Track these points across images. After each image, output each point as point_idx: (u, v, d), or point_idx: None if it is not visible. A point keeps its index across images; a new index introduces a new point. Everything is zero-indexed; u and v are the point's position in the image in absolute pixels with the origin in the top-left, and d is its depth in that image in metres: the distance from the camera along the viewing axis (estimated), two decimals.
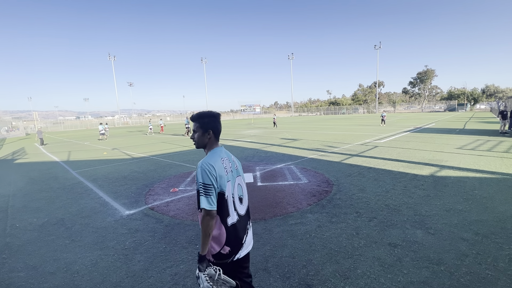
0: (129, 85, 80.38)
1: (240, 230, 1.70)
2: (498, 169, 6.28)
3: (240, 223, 1.71)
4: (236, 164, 1.81)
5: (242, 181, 1.82)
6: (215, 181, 1.56)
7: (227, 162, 1.70)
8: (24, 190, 6.38)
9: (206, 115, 1.72)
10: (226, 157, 1.72)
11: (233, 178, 1.72)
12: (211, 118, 1.72)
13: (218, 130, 1.74)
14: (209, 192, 1.53)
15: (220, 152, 1.70)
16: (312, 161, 8.19)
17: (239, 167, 1.83)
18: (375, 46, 64.74)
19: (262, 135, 17.95)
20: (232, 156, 1.81)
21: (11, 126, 37.44)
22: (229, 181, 1.66)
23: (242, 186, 1.81)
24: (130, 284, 2.62)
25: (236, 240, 1.67)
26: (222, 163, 1.64)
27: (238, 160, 1.87)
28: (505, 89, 70.64)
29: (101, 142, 18.88)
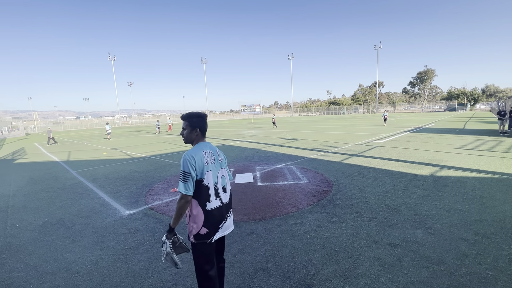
0: (129, 85, 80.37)
1: (218, 215, 1.93)
2: (498, 169, 6.28)
3: (221, 209, 1.95)
4: (221, 157, 2.06)
5: (226, 173, 2.07)
6: (194, 170, 1.81)
7: (209, 155, 1.94)
8: (24, 190, 6.38)
9: (194, 115, 2.00)
10: (209, 150, 1.97)
11: (216, 169, 1.96)
12: (199, 118, 2.00)
13: (204, 128, 2.03)
14: (187, 179, 1.79)
15: (204, 146, 1.97)
16: (312, 161, 8.19)
17: (223, 161, 2.08)
18: (375, 46, 64.76)
19: (262, 135, 17.95)
20: (218, 151, 2.06)
21: (11, 126, 37.46)
22: (209, 171, 1.89)
23: (226, 177, 2.06)
24: (130, 284, 2.62)
25: (213, 223, 1.90)
26: (203, 155, 1.89)
27: (224, 155, 2.14)
28: (505, 89, 70.67)
29: (101, 142, 18.89)
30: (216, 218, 1.92)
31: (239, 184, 5.91)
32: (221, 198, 1.95)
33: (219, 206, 1.93)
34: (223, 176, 2.03)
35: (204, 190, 1.86)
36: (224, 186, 2.01)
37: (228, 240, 3.42)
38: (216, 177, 1.95)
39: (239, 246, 3.26)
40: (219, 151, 2.09)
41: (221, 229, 1.95)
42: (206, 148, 1.96)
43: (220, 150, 2.12)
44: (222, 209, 1.95)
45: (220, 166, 2.02)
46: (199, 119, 1.99)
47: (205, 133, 2.04)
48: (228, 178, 2.09)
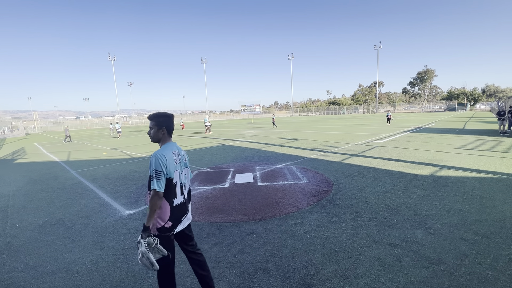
0: (129, 85, 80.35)
1: (181, 210, 2.10)
2: (498, 169, 6.28)
3: (184, 204, 2.13)
4: (185, 157, 2.22)
5: (188, 172, 2.23)
6: (165, 169, 1.92)
7: (177, 155, 2.08)
8: (24, 190, 6.38)
9: (161, 115, 2.10)
10: (176, 150, 2.10)
11: (181, 169, 2.10)
12: (165, 118, 2.10)
13: (171, 128, 2.14)
14: (159, 177, 1.89)
15: (172, 146, 2.09)
16: (312, 161, 8.19)
17: (187, 160, 2.25)
18: (375, 46, 64.72)
19: (262, 135, 17.95)
20: (182, 151, 2.21)
21: (11, 126, 37.51)
22: (177, 170, 2.03)
23: (187, 176, 2.22)
24: (130, 284, 2.62)
25: (177, 217, 2.05)
26: (172, 155, 2.02)
27: (187, 155, 2.30)
28: (505, 89, 70.71)
29: (101, 142, 18.89)
30: (180, 213, 2.08)
31: (239, 184, 5.91)
32: (184, 194, 2.13)
33: (183, 201, 2.11)
34: (185, 175, 2.18)
35: (172, 187, 1.99)
36: (185, 184, 2.18)
37: (228, 240, 3.42)
38: (181, 175, 2.11)
39: (239, 246, 3.26)
40: (184, 151, 2.26)
41: (183, 222, 2.12)
42: (174, 148, 2.09)
43: (184, 151, 2.29)
44: (185, 203, 2.14)
45: (185, 166, 2.18)
46: (166, 119, 2.10)
47: (171, 132, 2.15)
48: (188, 176, 2.26)
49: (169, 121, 2.12)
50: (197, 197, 5.17)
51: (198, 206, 4.68)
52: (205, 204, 4.75)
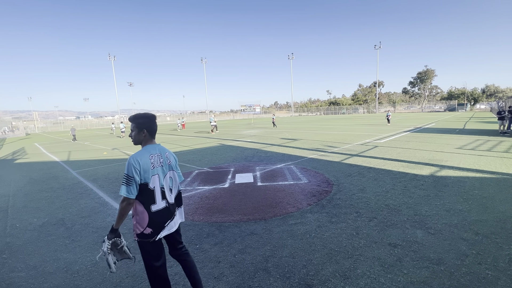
0: (129, 85, 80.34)
1: (164, 215, 2.00)
2: (498, 169, 6.28)
3: (167, 209, 2.02)
4: (170, 160, 2.08)
5: (174, 175, 2.11)
6: (138, 174, 1.85)
7: (157, 158, 1.97)
8: (24, 190, 6.38)
9: (141, 117, 2.00)
10: (157, 153, 2.00)
11: (163, 172, 2.01)
12: (145, 119, 2.00)
13: (152, 129, 2.03)
14: (130, 183, 1.83)
15: (152, 149, 1.99)
16: (312, 161, 8.19)
17: (172, 162, 2.10)
18: (375, 46, 64.67)
19: (262, 135, 17.95)
20: (168, 153, 2.09)
21: (11, 126, 37.57)
22: (155, 174, 1.93)
23: (174, 178, 2.11)
24: (130, 284, 2.63)
25: (158, 223, 1.96)
26: (149, 159, 1.92)
27: (174, 156, 2.18)
28: (505, 89, 70.67)
29: (101, 142, 18.89)
30: (161, 219, 1.98)
31: (239, 184, 5.91)
32: (167, 199, 2.02)
33: (165, 207, 2.00)
34: (171, 178, 2.08)
35: (149, 193, 1.91)
36: (171, 187, 2.08)
37: (228, 240, 3.42)
38: (163, 179, 2.00)
39: (239, 246, 3.26)
40: (170, 153, 2.12)
41: (167, 227, 2.02)
42: (154, 151, 1.98)
43: (171, 152, 2.16)
44: (168, 209, 2.02)
45: (169, 168, 2.06)
46: (146, 120, 2.00)
47: (153, 134, 2.05)
48: (176, 179, 2.14)
49: (150, 123, 2.01)
50: (197, 197, 5.17)
51: (198, 206, 4.68)
52: (205, 204, 4.75)
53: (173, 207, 2.09)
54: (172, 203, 2.08)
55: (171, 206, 2.06)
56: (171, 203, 2.06)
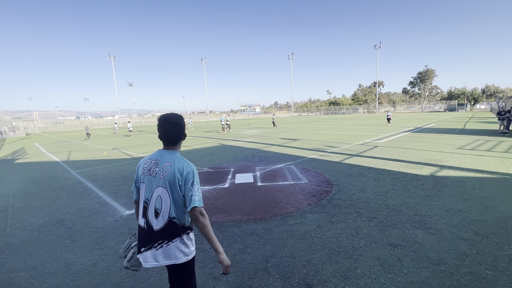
0: (129, 85, 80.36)
1: (141, 236, 1.64)
2: (498, 169, 6.28)
3: (144, 232, 1.61)
4: (164, 173, 1.59)
5: (165, 195, 1.57)
6: (136, 176, 1.77)
7: (152, 165, 1.66)
8: (24, 190, 6.38)
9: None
10: (155, 160, 1.67)
11: (151, 184, 1.61)
12: (157, 123, 1.73)
13: (160, 135, 1.71)
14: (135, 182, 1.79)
15: (155, 155, 1.72)
16: (312, 161, 8.19)
17: (168, 178, 1.58)
18: (375, 46, 64.70)
19: (262, 135, 17.95)
20: (167, 164, 1.62)
21: (11, 126, 37.59)
22: (143, 182, 1.68)
23: (163, 200, 1.58)
24: (130, 284, 2.62)
25: (138, 242, 1.68)
26: (144, 163, 1.73)
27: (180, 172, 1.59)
28: (505, 89, 70.66)
29: (101, 142, 18.90)
30: (140, 239, 1.66)
31: (239, 184, 5.91)
32: (148, 220, 1.60)
33: (143, 227, 1.62)
34: (159, 197, 1.58)
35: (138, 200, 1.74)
36: (157, 209, 1.58)
37: (228, 240, 3.42)
38: (150, 194, 1.61)
39: (239, 246, 3.26)
40: (171, 164, 1.61)
41: (142, 255, 1.61)
42: (156, 157, 1.69)
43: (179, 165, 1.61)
44: (146, 232, 1.60)
45: (160, 184, 1.58)
46: (158, 124, 1.73)
47: (161, 138, 1.71)
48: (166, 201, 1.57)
49: (158, 127, 1.71)
50: None
51: None
52: (205, 204, 4.75)
53: (154, 236, 1.57)
54: (154, 230, 1.57)
55: (151, 232, 1.58)
56: (153, 230, 1.57)
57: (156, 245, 1.58)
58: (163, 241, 1.57)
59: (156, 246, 1.57)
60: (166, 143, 1.72)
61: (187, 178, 1.58)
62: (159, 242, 1.57)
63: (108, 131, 35.39)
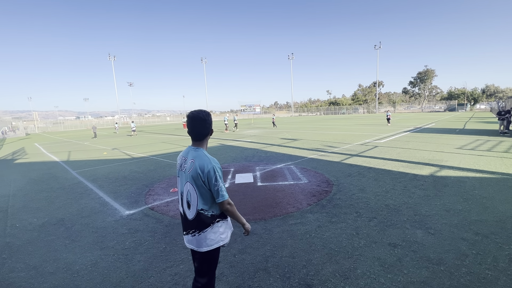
0: (129, 85, 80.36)
1: (182, 223, 1.88)
2: (498, 169, 6.28)
3: (183, 218, 1.86)
4: (188, 169, 1.74)
5: (192, 189, 1.74)
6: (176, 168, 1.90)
7: (181, 161, 1.85)
8: (24, 190, 6.38)
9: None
10: (184, 156, 1.85)
11: (183, 179, 1.81)
12: (186, 119, 1.81)
13: (188, 131, 1.82)
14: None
15: (184, 151, 1.89)
16: (312, 161, 8.19)
17: (192, 174, 1.72)
18: (375, 46, 64.72)
19: (262, 135, 17.95)
20: (192, 160, 1.74)
21: (11, 126, 37.59)
22: (178, 176, 1.87)
23: (191, 194, 1.75)
24: (130, 284, 2.62)
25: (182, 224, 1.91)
26: (179, 160, 1.89)
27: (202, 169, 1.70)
28: (505, 89, 70.72)
29: (101, 142, 18.89)
30: (182, 222, 1.90)
31: (239, 184, 5.91)
32: (183, 210, 1.83)
33: (182, 214, 1.86)
34: (189, 192, 1.76)
35: None
36: (189, 201, 1.78)
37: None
38: (183, 187, 1.81)
39: (239, 246, 3.26)
40: (195, 161, 1.73)
41: (185, 236, 1.87)
42: (185, 153, 1.85)
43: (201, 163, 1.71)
44: (184, 219, 1.85)
45: (187, 179, 1.76)
46: (186, 121, 1.80)
47: (191, 136, 1.81)
48: (194, 196, 1.74)
49: (187, 124, 1.81)
50: None
51: None
52: None
53: (189, 223, 1.81)
54: (190, 219, 1.79)
55: (187, 221, 1.82)
56: (188, 219, 1.80)
57: (191, 232, 1.81)
58: (195, 230, 1.79)
59: (192, 233, 1.80)
60: (193, 138, 1.83)
61: (209, 176, 1.70)
62: (193, 231, 1.80)
63: (109, 131, 35.40)
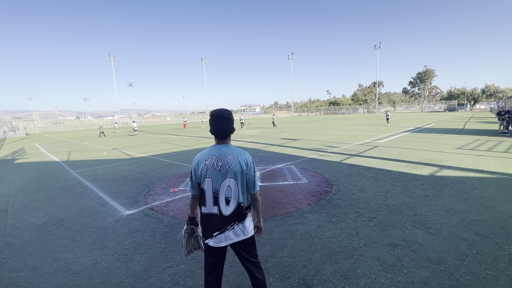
0: (129, 85, 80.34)
1: (213, 223, 1.85)
2: (498, 169, 6.28)
3: (216, 218, 1.83)
4: (230, 165, 1.80)
5: (232, 184, 1.81)
6: (194, 173, 1.87)
7: (214, 161, 1.82)
8: (24, 190, 6.38)
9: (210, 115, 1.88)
10: (216, 155, 1.83)
11: (218, 177, 1.80)
12: (210, 119, 1.88)
13: (213, 130, 1.88)
14: (191, 178, 1.90)
15: (213, 151, 1.86)
16: (312, 161, 8.19)
17: (234, 169, 1.80)
18: (375, 46, 64.74)
19: (262, 135, 17.95)
20: (230, 157, 1.81)
21: (11, 126, 37.58)
22: (208, 177, 1.82)
23: (233, 189, 1.82)
24: (130, 284, 2.62)
25: (206, 228, 1.88)
26: (204, 160, 1.84)
27: (243, 161, 1.83)
28: (505, 89, 70.77)
29: (101, 142, 18.89)
30: (210, 225, 1.85)
31: None
32: (220, 207, 1.82)
33: (215, 214, 1.83)
34: (229, 187, 1.81)
35: (201, 193, 1.88)
36: (228, 197, 1.82)
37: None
38: (219, 185, 1.81)
39: None
40: (234, 157, 1.82)
41: (215, 238, 1.83)
42: (213, 153, 1.84)
43: (240, 157, 1.83)
44: (218, 218, 1.83)
45: (228, 175, 1.80)
46: (210, 119, 1.88)
47: (215, 134, 1.88)
48: (235, 189, 1.83)
49: (211, 123, 1.87)
50: None
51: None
52: None
53: (226, 220, 1.83)
54: (226, 215, 1.82)
55: (224, 218, 1.82)
56: (225, 215, 1.82)
57: (228, 228, 1.84)
58: (234, 223, 1.86)
59: (229, 228, 1.84)
60: (219, 137, 1.89)
61: (251, 167, 1.87)
62: (231, 224, 1.85)
63: (108, 131, 35.36)
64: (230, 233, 1.85)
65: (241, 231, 1.87)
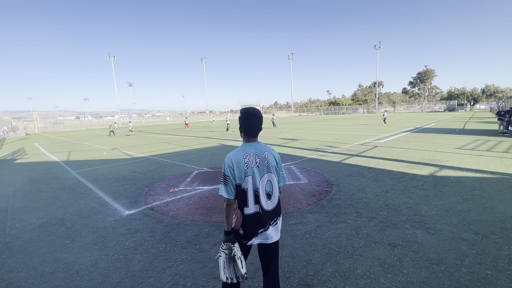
0: (129, 85, 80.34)
1: (256, 221, 1.81)
2: (498, 169, 6.28)
3: (259, 216, 1.81)
4: (268, 160, 1.84)
5: (273, 178, 1.87)
6: (231, 174, 1.74)
7: (252, 158, 1.79)
8: (24, 190, 6.38)
9: (240, 113, 1.88)
10: (253, 152, 1.81)
11: (259, 173, 1.80)
12: (241, 117, 1.87)
13: (246, 128, 1.86)
14: (227, 182, 1.75)
15: (248, 148, 1.82)
16: (312, 161, 8.19)
17: (272, 163, 1.86)
18: (375, 46, 64.72)
19: (262, 135, 17.94)
20: (266, 153, 1.85)
21: (11, 126, 37.59)
22: (249, 175, 1.76)
23: (273, 182, 1.87)
24: (130, 284, 2.62)
25: (250, 228, 1.82)
26: (243, 158, 1.76)
27: (275, 156, 1.92)
28: (505, 89, 70.83)
29: (100, 142, 18.90)
30: (254, 224, 1.82)
31: None
32: (261, 204, 1.81)
33: (257, 212, 1.80)
34: (269, 182, 1.85)
35: (242, 194, 1.78)
36: (269, 192, 1.85)
37: None
38: (258, 182, 1.80)
39: None
40: (270, 152, 1.89)
41: (261, 235, 1.84)
42: (249, 150, 1.81)
43: (272, 151, 1.92)
44: (261, 215, 1.81)
45: (267, 170, 1.83)
46: (240, 118, 1.86)
47: (248, 132, 1.86)
48: (275, 184, 1.89)
49: (243, 120, 1.85)
50: (197, 197, 5.17)
51: (198, 206, 4.68)
52: (205, 204, 4.75)
53: (270, 215, 1.84)
54: (268, 211, 1.83)
55: (266, 213, 1.82)
56: (267, 210, 1.82)
57: (272, 223, 1.86)
58: (276, 217, 1.89)
59: (272, 224, 1.87)
60: (252, 135, 1.88)
61: (280, 161, 1.97)
62: (274, 220, 1.88)
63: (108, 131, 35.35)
64: (273, 229, 1.87)
65: (277, 229, 1.92)
